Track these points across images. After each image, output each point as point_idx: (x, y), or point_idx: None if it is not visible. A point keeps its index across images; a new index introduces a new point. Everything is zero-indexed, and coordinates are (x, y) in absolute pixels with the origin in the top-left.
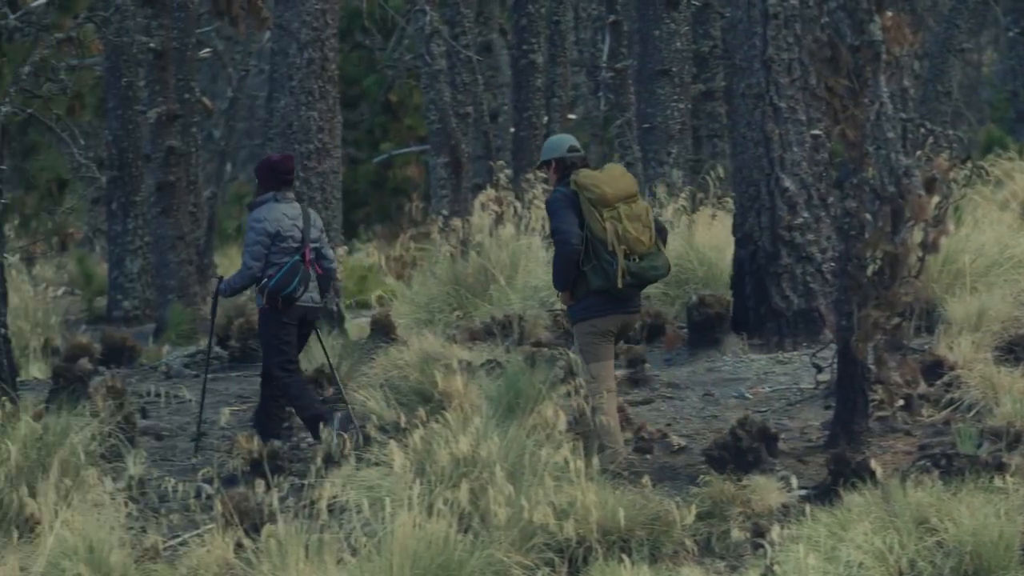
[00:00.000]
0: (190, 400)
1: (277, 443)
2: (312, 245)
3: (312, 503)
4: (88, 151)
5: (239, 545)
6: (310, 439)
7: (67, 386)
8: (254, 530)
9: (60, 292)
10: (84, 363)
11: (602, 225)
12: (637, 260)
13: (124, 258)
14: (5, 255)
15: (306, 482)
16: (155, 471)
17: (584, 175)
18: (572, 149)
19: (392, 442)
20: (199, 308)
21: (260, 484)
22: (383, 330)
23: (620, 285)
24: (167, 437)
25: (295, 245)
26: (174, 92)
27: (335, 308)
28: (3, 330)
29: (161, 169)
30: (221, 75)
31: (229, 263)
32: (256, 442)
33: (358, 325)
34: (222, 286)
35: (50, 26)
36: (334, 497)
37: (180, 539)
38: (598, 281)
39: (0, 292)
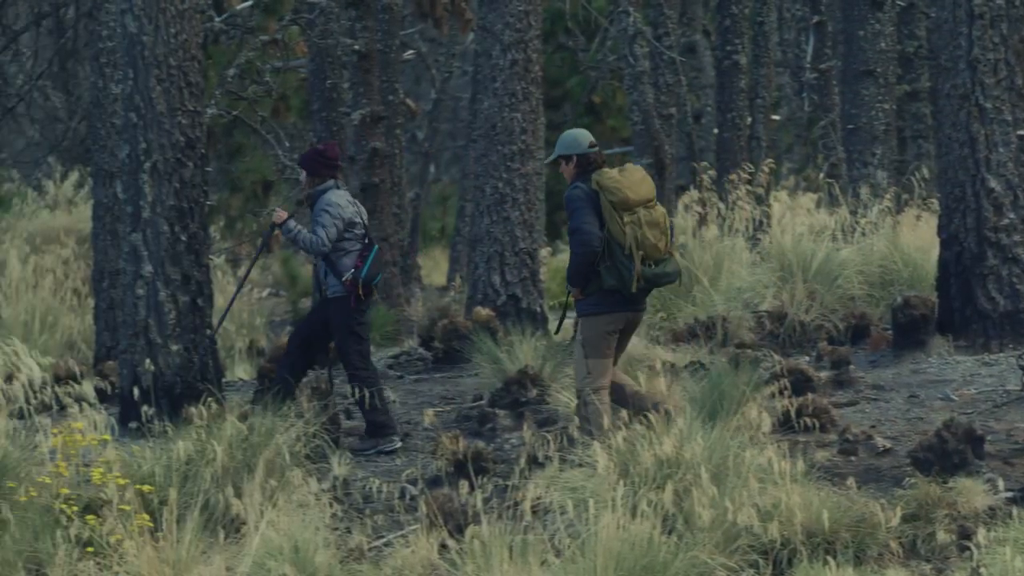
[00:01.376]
0: (395, 401)
1: (480, 444)
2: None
3: (516, 504)
4: (293, 153)
5: (443, 546)
6: (514, 440)
7: (272, 387)
8: (458, 531)
9: (265, 293)
10: None
11: (622, 228)
12: (652, 266)
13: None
14: (211, 256)
15: (510, 483)
16: (359, 472)
17: (608, 176)
18: (592, 145)
19: (595, 443)
20: (403, 309)
21: (464, 485)
22: None
23: (634, 289)
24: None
25: (361, 231)
26: (378, 94)
27: (539, 309)
28: (209, 331)
29: (365, 171)
30: (425, 77)
31: (433, 264)
32: (461, 443)
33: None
34: (288, 225)
35: (255, 28)
36: (538, 498)
37: (384, 540)
38: (611, 281)
39: (206, 293)
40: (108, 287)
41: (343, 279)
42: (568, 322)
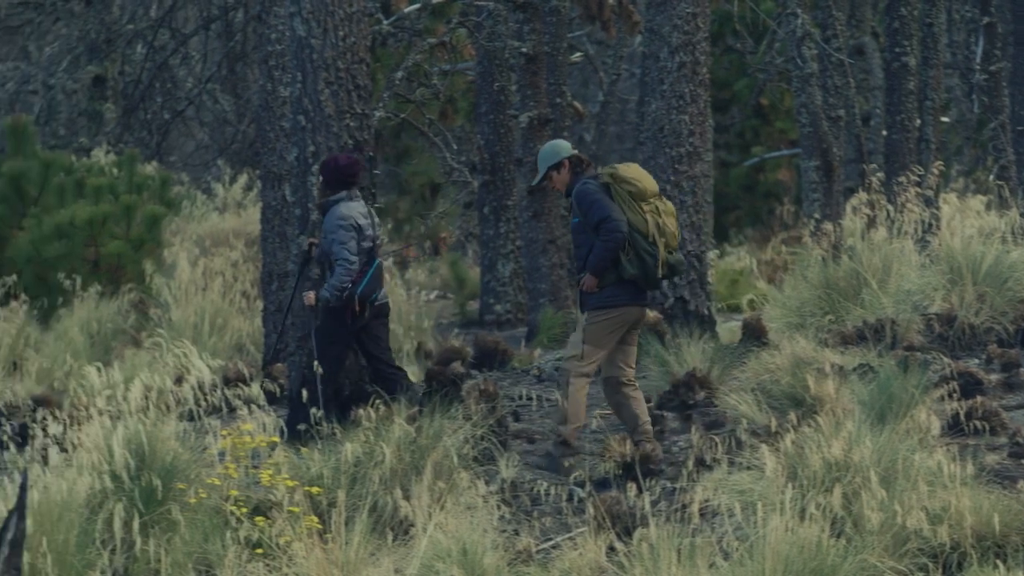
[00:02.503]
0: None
1: (649, 447)
2: (377, 243)
3: (684, 507)
4: (460, 155)
5: (611, 548)
6: (682, 443)
7: (440, 389)
8: (626, 534)
9: (433, 296)
10: (456, 366)
11: (643, 217)
12: (672, 253)
13: (496, 262)
14: (379, 259)
15: (678, 486)
16: (527, 474)
17: (622, 168)
18: (573, 148)
19: (764, 446)
20: (571, 311)
21: (632, 487)
22: (754, 334)
23: (660, 275)
24: (539, 440)
25: (370, 244)
26: (545, 96)
27: (706, 312)
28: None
29: (532, 173)
30: (592, 79)
31: None
32: (628, 445)
33: (729, 329)
34: (328, 294)
35: (423, 31)
36: (706, 501)
37: (552, 542)
38: (633, 270)
39: None
40: (276, 289)
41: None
42: (730, 325)
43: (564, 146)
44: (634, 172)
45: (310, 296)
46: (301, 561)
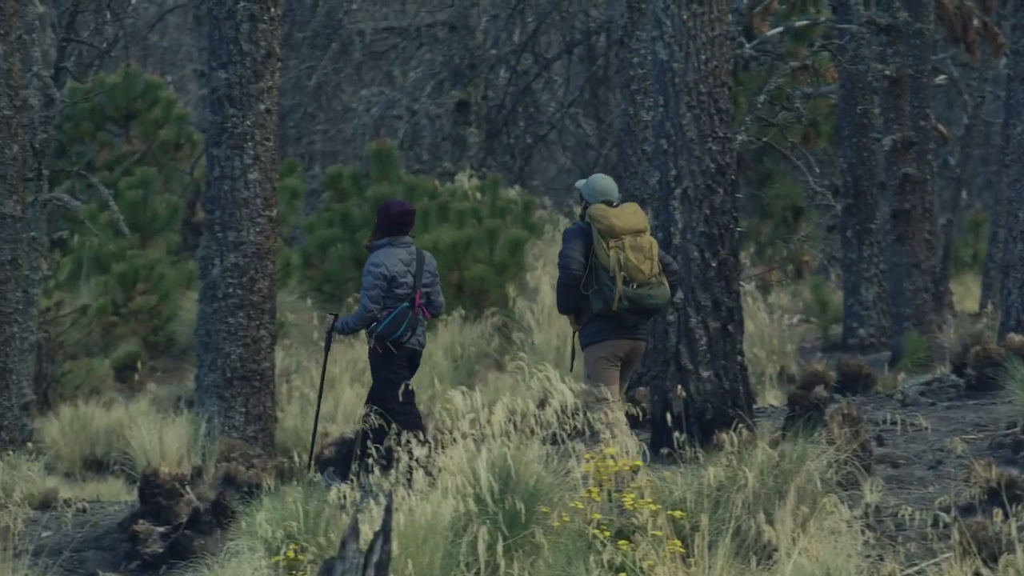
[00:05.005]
0: (926, 428)
1: (1014, 472)
2: (423, 290)
3: None
4: (823, 179)
5: (976, 574)
6: None
7: (803, 413)
8: (992, 559)
9: (795, 319)
10: (820, 390)
11: (606, 252)
12: (635, 287)
13: (859, 286)
14: (741, 283)
15: None
16: (891, 499)
17: (597, 208)
18: (605, 202)
19: None
20: (935, 336)
21: (998, 513)
22: None
23: (615, 307)
24: (903, 465)
25: (407, 291)
26: (909, 119)
27: None
28: (740, 357)
29: (896, 196)
30: (957, 102)
31: (964, 290)
32: (994, 471)
33: None
34: (338, 324)
35: (785, 55)
36: None
37: (917, 568)
38: (598, 304)
39: (736, 319)
40: None
41: (372, 335)
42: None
43: (593, 194)
44: (609, 212)
45: (329, 318)
46: None
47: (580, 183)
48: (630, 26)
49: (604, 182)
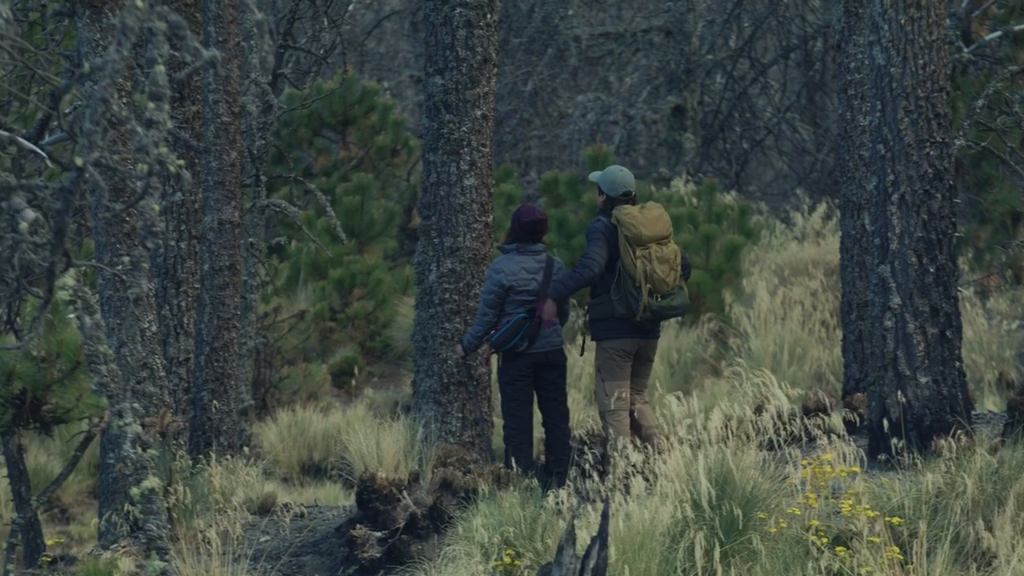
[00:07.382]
0: None
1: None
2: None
3: None
4: None
5: None
6: None
7: (1023, 419)
8: None
9: (1014, 325)
10: None
11: (633, 262)
12: (659, 299)
13: None
14: (959, 288)
15: None
16: None
17: (626, 213)
18: (625, 194)
19: None
20: None
21: None
22: None
23: (639, 318)
24: None
25: (529, 299)
26: None
27: None
28: (958, 363)
29: None
30: None
31: None
32: None
33: None
34: (464, 342)
35: (1004, 59)
36: None
37: None
38: (621, 309)
39: (955, 325)
40: (856, 319)
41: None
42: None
43: (614, 186)
44: (637, 217)
45: (458, 348)
46: None
47: (595, 175)
48: (847, 31)
49: (621, 174)
